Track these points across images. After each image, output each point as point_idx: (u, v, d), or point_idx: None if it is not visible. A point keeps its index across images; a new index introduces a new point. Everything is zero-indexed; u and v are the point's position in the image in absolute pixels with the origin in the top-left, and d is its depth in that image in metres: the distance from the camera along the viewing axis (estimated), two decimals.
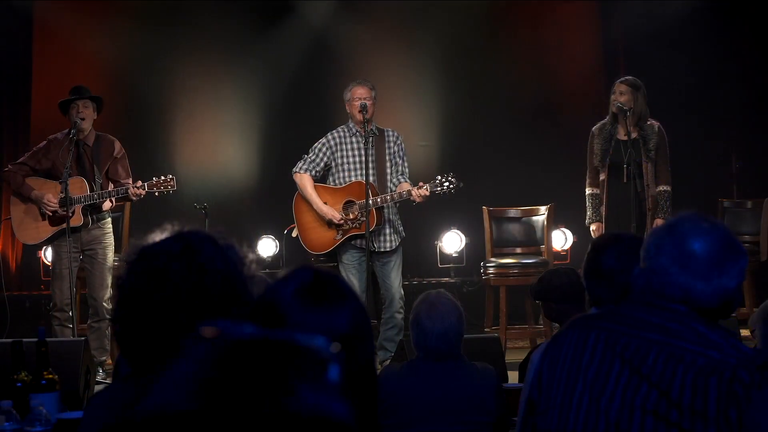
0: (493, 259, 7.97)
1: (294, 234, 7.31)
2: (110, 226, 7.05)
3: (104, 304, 6.88)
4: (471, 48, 9.54)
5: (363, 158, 6.99)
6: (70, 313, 6.75)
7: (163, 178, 6.93)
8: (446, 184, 6.95)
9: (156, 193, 6.93)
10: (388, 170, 7.13)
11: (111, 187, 6.95)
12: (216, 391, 1.11)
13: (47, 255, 7.75)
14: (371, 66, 8.76)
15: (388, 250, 7.09)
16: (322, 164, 7.15)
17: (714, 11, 9.34)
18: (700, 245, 2.35)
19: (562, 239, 8.69)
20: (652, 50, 9.20)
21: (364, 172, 6.93)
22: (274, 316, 1.90)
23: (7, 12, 9.00)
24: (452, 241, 8.78)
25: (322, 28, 9.36)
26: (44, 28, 9.18)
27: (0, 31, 9.01)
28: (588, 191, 7.23)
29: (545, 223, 8.01)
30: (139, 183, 6.87)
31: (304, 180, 7.14)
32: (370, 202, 6.86)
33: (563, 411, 2.38)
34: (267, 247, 8.57)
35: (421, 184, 6.95)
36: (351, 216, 7.03)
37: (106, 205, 6.93)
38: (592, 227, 7.20)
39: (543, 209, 8.06)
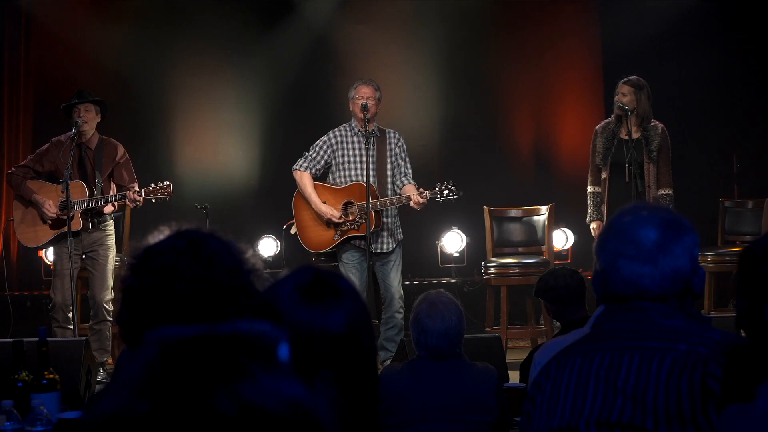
0: (494, 259, 7.97)
1: (292, 231, 7.31)
2: (112, 228, 7.02)
3: (105, 305, 6.86)
4: (471, 48, 9.54)
5: (364, 158, 6.99)
6: (70, 315, 6.72)
7: (159, 184, 6.84)
8: (446, 192, 6.94)
9: (153, 200, 6.87)
10: (389, 172, 7.12)
11: (114, 190, 6.94)
12: (163, 390, 1.11)
13: (48, 255, 7.75)
14: (371, 66, 8.76)
15: (385, 251, 7.09)
16: (322, 162, 7.15)
17: (714, 12, 9.33)
18: (640, 232, 2.33)
19: (563, 239, 8.69)
20: (652, 51, 9.19)
21: (364, 172, 6.93)
22: (272, 314, 1.92)
23: (6, 12, 8.99)
24: (453, 241, 8.78)
25: (322, 28, 9.36)
26: (43, 28, 9.17)
27: None
28: (590, 189, 7.23)
29: (546, 222, 8.01)
30: (136, 189, 6.82)
31: (304, 178, 7.14)
32: (370, 205, 6.85)
33: None
34: (267, 246, 8.57)
35: (421, 190, 6.94)
36: (350, 217, 7.03)
37: (108, 208, 6.89)
38: (593, 225, 7.21)
39: (544, 209, 8.06)
